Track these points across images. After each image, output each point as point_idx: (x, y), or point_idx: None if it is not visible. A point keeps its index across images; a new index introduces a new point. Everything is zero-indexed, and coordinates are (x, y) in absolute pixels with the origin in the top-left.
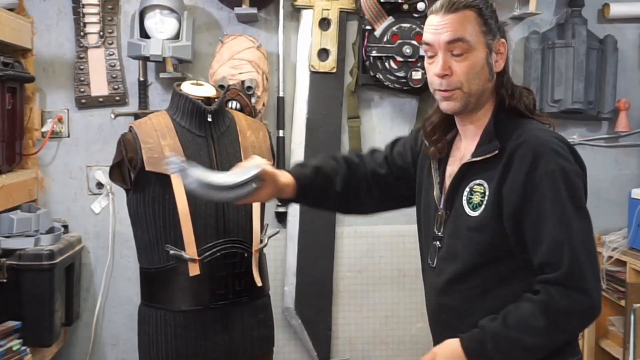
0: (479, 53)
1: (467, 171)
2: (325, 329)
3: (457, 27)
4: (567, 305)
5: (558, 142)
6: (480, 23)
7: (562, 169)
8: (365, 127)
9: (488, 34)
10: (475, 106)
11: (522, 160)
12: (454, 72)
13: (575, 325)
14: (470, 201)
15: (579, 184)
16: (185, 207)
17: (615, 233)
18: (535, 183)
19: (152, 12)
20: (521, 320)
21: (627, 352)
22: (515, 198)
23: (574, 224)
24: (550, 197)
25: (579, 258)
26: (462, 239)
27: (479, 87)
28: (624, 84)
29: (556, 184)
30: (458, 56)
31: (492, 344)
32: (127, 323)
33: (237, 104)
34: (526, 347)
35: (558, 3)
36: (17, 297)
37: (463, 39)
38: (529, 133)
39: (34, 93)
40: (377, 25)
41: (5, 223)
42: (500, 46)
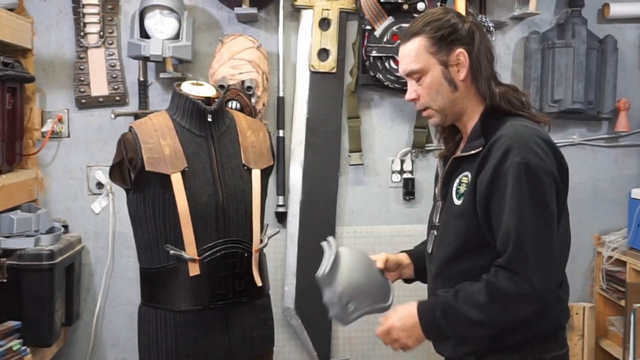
0: (433, 73)
1: (458, 165)
2: (325, 329)
3: (409, 59)
4: (508, 287)
5: (536, 138)
6: (429, 45)
7: (528, 163)
8: (365, 127)
9: (439, 52)
10: (454, 115)
11: (496, 152)
12: (419, 95)
13: (517, 309)
14: (458, 191)
15: (545, 180)
16: (185, 207)
17: (615, 233)
18: (501, 174)
19: (152, 12)
20: (469, 295)
21: (627, 352)
22: (484, 187)
23: (526, 215)
24: (511, 188)
25: (522, 246)
26: (449, 227)
27: (445, 101)
28: (624, 84)
29: (518, 176)
30: (418, 81)
31: (441, 312)
32: (127, 323)
33: (237, 104)
34: (469, 320)
35: (558, 3)
36: (17, 297)
37: (413, 70)
38: (509, 128)
39: (34, 93)
40: (377, 25)
41: (5, 223)
42: (459, 56)
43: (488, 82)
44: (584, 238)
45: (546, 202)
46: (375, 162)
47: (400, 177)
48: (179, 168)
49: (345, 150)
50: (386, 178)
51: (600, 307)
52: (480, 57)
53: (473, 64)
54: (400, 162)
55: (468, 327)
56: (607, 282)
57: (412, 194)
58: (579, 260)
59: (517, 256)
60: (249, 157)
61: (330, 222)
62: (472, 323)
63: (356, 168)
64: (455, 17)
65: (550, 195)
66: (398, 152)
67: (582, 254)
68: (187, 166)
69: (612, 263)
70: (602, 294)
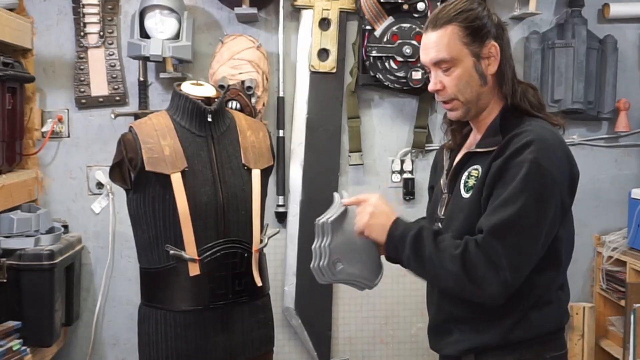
0: (465, 64)
1: (469, 159)
2: (325, 329)
3: (438, 48)
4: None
5: (555, 142)
6: (463, 35)
7: (539, 163)
8: (365, 127)
9: (473, 43)
10: (477, 109)
11: (513, 145)
12: (445, 87)
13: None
14: (466, 184)
15: (549, 183)
16: (185, 207)
17: (615, 233)
18: (511, 166)
19: (152, 12)
20: (443, 253)
21: (627, 352)
22: (492, 177)
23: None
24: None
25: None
26: (455, 220)
27: (473, 94)
28: (624, 84)
29: (527, 172)
30: (446, 71)
31: (410, 248)
32: (127, 323)
33: (237, 104)
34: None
35: (558, 3)
36: (17, 297)
37: (443, 59)
38: (529, 127)
39: (34, 93)
40: (377, 25)
41: (6, 223)
42: (491, 49)
43: (512, 79)
44: (584, 238)
45: (545, 204)
46: (375, 162)
47: (400, 177)
48: (179, 168)
49: (345, 150)
50: (386, 178)
51: (600, 307)
52: (507, 52)
53: (502, 58)
54: (400, 162)
55: (432, 278)
56: (607, 282)
57: (412, 194)
58: (579, 260)
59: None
60: (249, 157)
61: None
62: (439, 279)
63: (356, 168)
64: (485, 8)
65: (551, 198)
66: (398, 152)
67: (582, 254)
68: (187, 166)
69: (612, 263)
70: (602, 294)
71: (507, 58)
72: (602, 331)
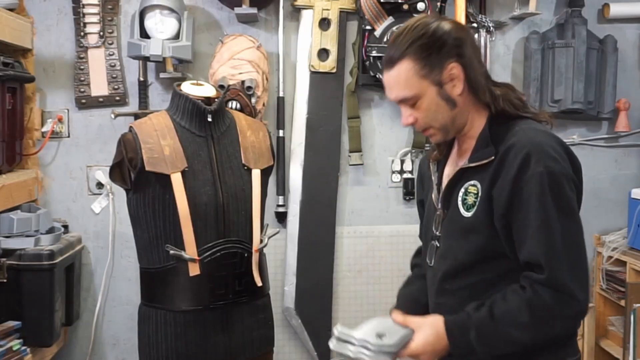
0: (428, 95)
1: (463, 174)
2: (325, 329)
3: (398, 87)
4: (552, 305)
5: (550, 142)
6: (419, 68)
7: (550, 171)
8: (365, 127)
9: (431, 72)
10: (456, 128)
11: (512, 162)
12: (416, 119)
13: (561, 325)
14: (465, 202)
15: (567, 186)
16: (185, 207)
17: (615, 233)
18: (523, 185)
19: (152, 12)
20: (507, 313)
21: (627, 352)
22: (504, 199)
23: (556, 226)
24: (535, 198)
25: (559, 261)
26: (456, 239)
27: (446, 119)
28: (624, 84)
29: (542, 186)
30: (413, 105)
31: (476, 333)
32: (127, 323)
33: (237, 104)
34: (510, 340)
35: (558, 3)
36: (17, 297)
37: (405, 97)
38: (521, 134)
39: (34, 93)
40: (377, 25)
41: (6, 223)
42: (452, 70)
43: (487, 87)
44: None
45: (570, 208)
46: (375, 162)
47: (400, 177)
48: (179, 168)
49: (345, 150)
50: (386, 178)
51: (600, 307)
52: (473, 63)
53: (467, 73)
54: (400, 162)
55: (505, 345)
56: (607, 282)
57: (412, 194)
58: None
59: (557, 274)
60: (249, 157)
61: (330, 222)
62: (511, 341)
63: (356, 168)
64: (436, 25)
65: (574, 200)
66: (398, 152)
67: None
68: (187, 166)
69: (612, 263)
70: (602, 294)
71: (474, 70)
72: (602, 331)
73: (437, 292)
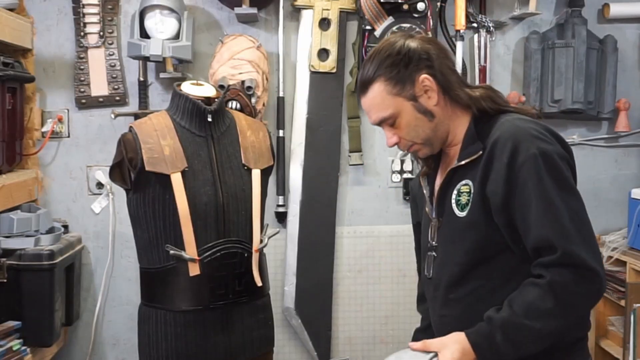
0: (406, 112)
1: (454, 175)
2: (325, 329)
3: (375, 109)
4: (574, 283)
5: (536, 127)
6: (391, 87)
7: (543, 151)
8: (365, 127)
9: (403, 89)
10: (440, 139)
11: (502, 152)
12: (399, 138)
13: (586, 303)
14: (459, 202)
15: (562, 164)
16: (185, 207)
17: (615, 233)
18: (517, 171)
19: (152, 12)
20: (529, 305)
21: (627, 352)
22: (501, 191)
23: (559, 204)
24: (533, 181)
25: (570, 237)
26: (453, 242)
27: (427, 132)
28: (624, 84)
29: (537, 167)
30: (392, 125)
31: (502, 335)
32: (127, 323)
33: (237, 104)
34: (538, 333)
35: (558, 3)
36: (17, 297)
37: (383, 118)
38: (505, 125)
39: (34, 93)
40: (377, 25)
41: (6, 223)
42: (424, 82)
43: (465, 91)
44: None
45: (569, 184)
46: (375, 162)
47: (400, 177)
48: (178, 168)
49: (345, 150)
50: (386, 178)
51: (600, 307)
52: (444, 71)
53: (440, 82)
54: (400, 162)
55: (534, 339)
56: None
57: None
58: None
59: (570, 250)
60: (249, 157)
61: (330, 222)
62: (539, 334)
63: (356, 168)
64: (401, 41)
65: (571, 178)
66: (398, 152)
67: None
68: (187, 166)
69: (612, 263)
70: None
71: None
72: (602, 331)
73: (441, 304)
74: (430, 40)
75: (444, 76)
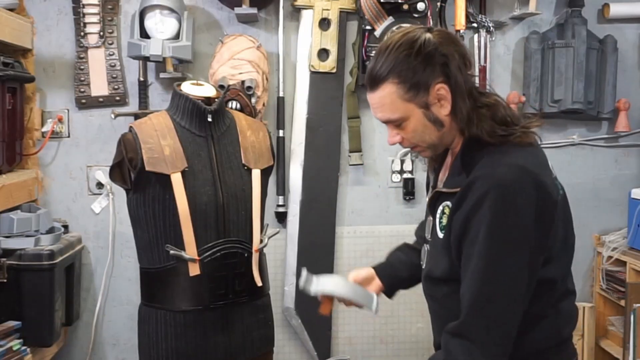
0: (415, 117)
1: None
2: (325, 329)
3: (383, 109)
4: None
5: (517, 179)
6: (403, 92)
7: (501, 216)
8: (365, 127)
9: (416, 95)
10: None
11: (471, 197)
12: (402, 138)
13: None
14: (441, 222)
15: (516, 235)
16: (185, 207)
17: (615, 233)
18: (473, 224)
19: (152, 12)
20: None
21: (627, 352)
22: (457, 233)
23: (486, 278)
24: (479, 240)
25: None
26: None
27: (433, 139)
28: (624, 84)
29: (488, 230)
30: (398, 126)
31: None
32: (127, 323)
33: (237, 104)
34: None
35: (558, 3)
36: (17, 297)
37: (390, 119)
38: (488, 168)
39: (34, 93)
40: (377, 25)
41: (6, 223)
42: (439, 91)
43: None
44: (584, 238)
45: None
46: (375, 162)
47: (400, 177)
48: (179, 168)
49: (345, 150)
50: (386, 178)
51: (600, 307)
52: (458, 78)
53: (454, 93)
54: (400, 162)
55: None
56: (607, 282)
57: (412, 194)
58: (579, 260)
59: (473, 323)
60: (249, 157)
61: (330, 222)
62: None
63: (356, 168)
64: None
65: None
66: (398, 152)
67: (582, 254)
68: (187, 166)
69: (612, 263)
70: (602, 294)
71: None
72: (602, 331)
73: (424, 294)
74: (450, 40)
75: (457, 85)
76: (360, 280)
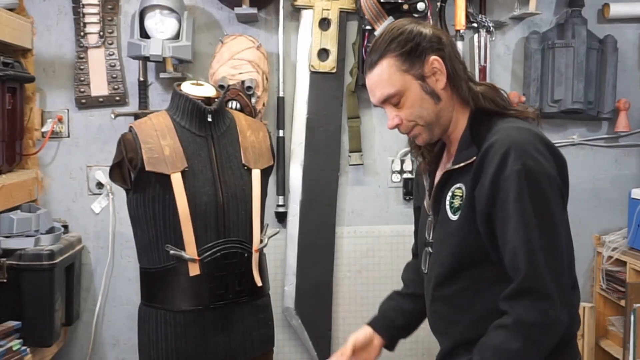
0: (412, 91)
1: (449, 177)
2: (325, 329)
3: (381, 85)
4: (536, 316)
5: (532, 140)
6: (400, 64)
7: (529, 169)
8: (365, 127)
9: (412, 67)
10: (441, 127)
11: (492, 161)
12: (402, 119)
13: (550, 335)
14: (452, 205)
15: (546, 186)
16: (185, 207)
17: (615, 233)
18: (501, 184)
19: (152, 12)
20: (498, 349)
21: (627, 352)
22: (485, 200)
23: (533, 228)
24: (512, 198)
25: (536, 262)
26: (444, 243)
27: (431, 115)
28: (624, 84)
29: (520, 185)
30: (397, 104)
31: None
32: (127, 323)
33: (237, 104)
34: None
35: (558, 3)
36: (17, 297)
37: (389, 94)
38: (502, 132)
39: (34, 93)
40: (377, 25)
41: (6, 223)
42: (433, 63)
43: (467, 84)
44: (584, 238)
45: (551, 212)
46: (375, 162)
47: (400, 177)
48: (179, 168)
49: (345, 150)
50: (386, 178)
51: (600, 307)
52: (452, 60)
53: (449, 68)
54: (400, 162)
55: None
56: (607, 282)
57: (412, 193)
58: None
59: (533, 275)
60: (249, 157)
61: (330, 222)
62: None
63: (356, 168)
64: (415, 26)
65: (554, 202)
66: (398, 152)
67: (582, 254)
68: (187, 166)
69: (612, 263)
70: (602, 294)
71: (454, 65)
72: (602, 331)
73: (431, 300)
74: (441, 31)
75: (452, 64)
76: (360, 344)
